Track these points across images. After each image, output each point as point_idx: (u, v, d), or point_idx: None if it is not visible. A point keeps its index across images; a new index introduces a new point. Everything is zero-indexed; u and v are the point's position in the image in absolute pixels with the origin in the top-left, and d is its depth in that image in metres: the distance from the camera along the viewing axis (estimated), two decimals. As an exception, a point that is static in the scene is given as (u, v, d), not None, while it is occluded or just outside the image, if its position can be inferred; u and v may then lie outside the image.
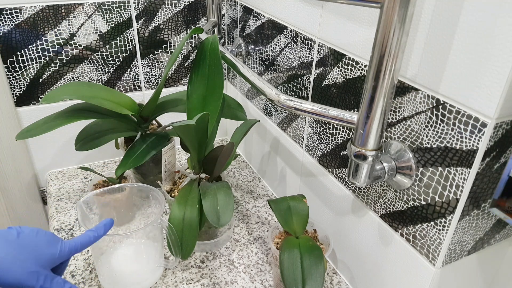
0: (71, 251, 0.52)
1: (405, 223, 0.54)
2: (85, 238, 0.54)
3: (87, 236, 0.54)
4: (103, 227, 0.56)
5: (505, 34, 0.38)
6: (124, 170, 0.74)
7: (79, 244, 0.53)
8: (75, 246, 0.52)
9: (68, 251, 0.51)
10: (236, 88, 1.05)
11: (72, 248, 0.52)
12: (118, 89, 0.97)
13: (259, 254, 0.77)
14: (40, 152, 0.95)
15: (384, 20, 0.41)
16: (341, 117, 0.50)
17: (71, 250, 0.52)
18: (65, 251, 0.51)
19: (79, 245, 0.53)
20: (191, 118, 0.72)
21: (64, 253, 0.51)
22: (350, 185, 0.65)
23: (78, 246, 0.53)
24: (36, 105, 0.91)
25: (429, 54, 0.46)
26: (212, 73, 0.71)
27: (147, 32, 0.94)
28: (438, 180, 0.48)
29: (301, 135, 0.76)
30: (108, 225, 0.57)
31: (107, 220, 0.57)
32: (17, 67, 0.86)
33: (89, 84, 0.80)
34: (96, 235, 0.55)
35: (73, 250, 0.52)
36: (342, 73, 0.61)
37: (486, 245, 0.54)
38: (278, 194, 0.92)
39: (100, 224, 0.56)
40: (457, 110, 0.44)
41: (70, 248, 0.52)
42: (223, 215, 0.63)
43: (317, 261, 0.58)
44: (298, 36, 0.70)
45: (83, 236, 0.54)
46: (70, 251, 0.52)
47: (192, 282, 0.70)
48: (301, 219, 0.65)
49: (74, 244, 0.52)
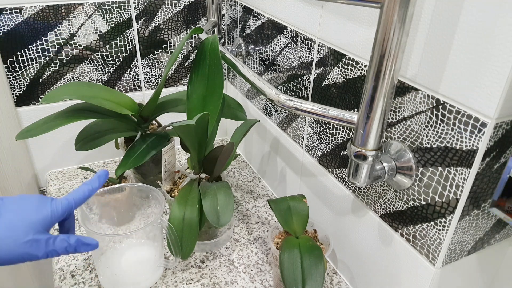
0: (65, 209, 0.48)
1: (405, 223, 0.54)
2: (79, 193, 0.50)
3: (81, 190, 0.50)
4: (97, 179, 0.52)
5: (505, 34, 0.38)
6: (124, 170, 0.74)
7: (72, 199, 0.49)
8: (68, 203, 0.49)
9: (62, 209, 0.48)
10: (236, 88, 1.05)
11: (65, 205, 0.48)
12: (118, 89, 0.97)
13: (259, 254, 0.77)
14: (40, 152, 0.95)
15: (384, 20, 0.41)
16: (341, 117, 0.50)
17: (64, 207, 0.48)
18: (58, 210, 0.47)
19: (73, 201, 0.49)
20: (191, 118, 0.72)
21: (58, 212, 0.47)
22: (350, 185, 0.65)
23: (72, 202, 0.49)
24: (36, 105, 0.91)
25: (429, 54, 0.46)
26: (212, 73, 0.71)
27: (147, 32, 0.94)
28: (438, 180, 0.48)
29: (301, 135, 0.76)
30: (102, 177, 0.53)
31: (101, 172, 0.53)
32: (17, 67, 0.86)
33: (89, 84, 0.80)
34: (91, 188, 0.51)
35: (67, 207, 0.48)
36: (342, 73, 0.61)
37: (486, 245, 0.54)
38: (278, 194, 0.92)
39: (94, 177, 0.52)
40: (457, 110, 0.44)
41: (63, 205, 0.48)
42: (223, 215, 0.63)
43: (317, 261, 0.58)
44: (298, 36, 0.70)
45: (76, 191, 0.50)
46: (64, 208, 0.48)
47: (192, 282, 0.70)
48: (301, 219, 0.65)
49: (66, 201, 0.48)
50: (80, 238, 0.49)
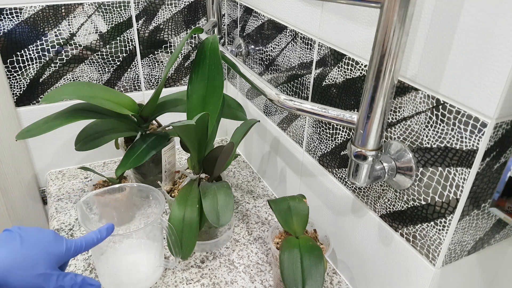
0: (76, 250, 0.51)
1: (405, 223, 0.54)
2: (89, 239, 0.54)
3: (91, 237, 0.54)
4: (105, 230, 0.56)
5: (505, 34, 0.38)
6: (124, 170, 0.74)
7: (84, 243, 0.53)
8: (80, 245, 0.52)
9: (74, 250, 0.51)
10: (236, 88, 1.05)
11: (78, 246, 0.52)
12: (118, 89, 0.97)
13: (259, 254, 0.77)
14: (40, 152, 0.95)
15: (384, 20, 0.41)
16: (341, 117, 0.50)
17: (76, 248, 0.51)
18: (71, 249, 0.51)
19: (84, 245, 0.53)
20: (191, 118, 0.72)
21: (70, 251, 0.51)
22: (350, 185, 0.65)
23: (83, 245, 0.52)
24: (36, 105, 0.91)
25: (429, 54, 0.46)
26: (212, 73, 0.71)
27: (147, 32, 0.94)
28: (438, 180, 0.48)
29: (301, 135, 0.76)
30: (110, 229, 0.57)
31: (110, 225, 0.57)
32: (17, 67, 0.86)
33: (89, 84, 0.80)
34: (99, 237, 0.55)
35: (78, 249, 0.52)
36: (342, 73, 0.61)
37: (486, 245, 0.54)
38: (278, 194, 0.92)
39: (103, 228, 0.56)
40: (457, 110, 0.44)
41: (76, 246, 0.51)
42: (223, 215, 0.63)
43: (317, 261, 0.58)
44: (298, 36, 0.70)
45: (86, 237, 0.54)
46: (75, 249, 0.51)
47: (192, 282, 0.70)
48: (301, 219, 0.65)
49: (79, 243, 0.52)
50: (85, 278, 0.52)
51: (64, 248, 0.50)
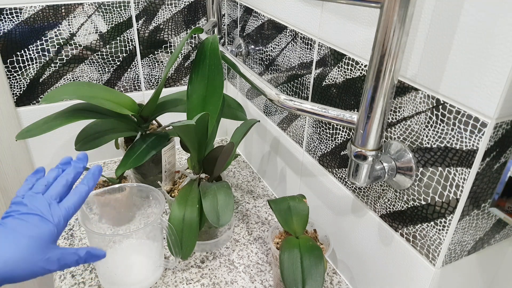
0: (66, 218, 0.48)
1: (405, 223, 0.54)
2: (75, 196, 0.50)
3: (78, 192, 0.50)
4: (92, 177, 0.51)
5: (505, 34, 0.38)
6: (124, 170, 0.74)
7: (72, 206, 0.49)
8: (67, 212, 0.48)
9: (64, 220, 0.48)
10: (236, 88, 1.05)
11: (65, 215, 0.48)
12: (118, 89, 0.97)
13: (259, 254, 0.77)
14: (40, 152, 0.95)
15: (384, 20, 0.41)
16: (341, 117, 0.50)
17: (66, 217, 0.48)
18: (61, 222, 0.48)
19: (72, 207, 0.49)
20: (191, 118, 0.72)
21: (61, 223, 0.48)
22: (350, 185, 0.65)
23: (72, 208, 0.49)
24: (36, 105, 0.91)
25: (429, 54, 0.46)
26: (212, 73, 0.71)
27: (147, 32, 0.94)
28: (438, 180, 0.48)
29: (301, 135, 0.76)
30: (96, 173, 0.52)
31: (95, 168, 0.52)
32: (17, 67, 0.86)
33: (89, 84, 0.80)
34: (87, 188, 0.51)
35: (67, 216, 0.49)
36: (342, 73, 0.61)
37: (486, 245, 0.54)
38: (278, 194, 0.92)
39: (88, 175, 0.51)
40: (457, 110, 0.44)
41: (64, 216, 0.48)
42: (223, 215, 0.63)
43: (317, 261, 0.58)
44: (298, 36, 0.70)
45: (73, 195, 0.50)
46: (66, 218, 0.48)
47: (192, 282, 0.70)
48: (301, 219, 0.65)
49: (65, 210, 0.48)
50: (90, 251, 0.49)
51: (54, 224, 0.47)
